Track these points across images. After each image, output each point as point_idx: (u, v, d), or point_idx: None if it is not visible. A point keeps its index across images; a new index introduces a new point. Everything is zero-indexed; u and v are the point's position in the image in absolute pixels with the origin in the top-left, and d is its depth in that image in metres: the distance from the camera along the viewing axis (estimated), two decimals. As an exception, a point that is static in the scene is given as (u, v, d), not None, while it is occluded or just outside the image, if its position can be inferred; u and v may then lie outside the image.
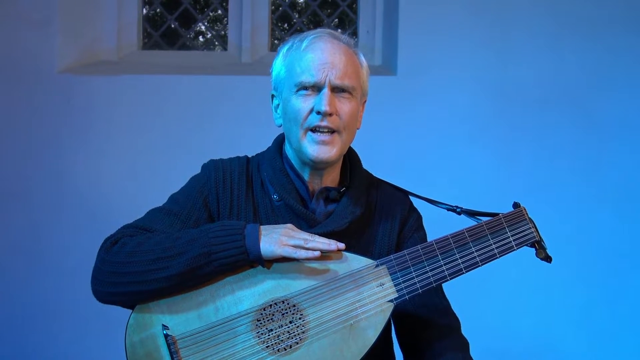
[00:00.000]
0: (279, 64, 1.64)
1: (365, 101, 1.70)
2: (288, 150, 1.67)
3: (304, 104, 1.57)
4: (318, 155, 1.57)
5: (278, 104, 1.66)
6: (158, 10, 3.49)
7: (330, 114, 1.55)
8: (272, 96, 1.69)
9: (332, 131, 1.57)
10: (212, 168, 1.65)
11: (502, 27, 3.12)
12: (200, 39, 3.60)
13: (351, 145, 1.74)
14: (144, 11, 3.44)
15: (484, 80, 3.11)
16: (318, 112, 1.55)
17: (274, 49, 3.35)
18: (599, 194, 3.09)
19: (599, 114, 3.11)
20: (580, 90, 3.12)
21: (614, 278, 3.08)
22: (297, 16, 3.50)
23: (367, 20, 3.36)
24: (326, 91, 1.55)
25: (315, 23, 3.50)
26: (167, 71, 3.22)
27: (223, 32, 3.48)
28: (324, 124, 1.56)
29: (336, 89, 1.57)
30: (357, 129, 1.67)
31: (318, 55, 1.57)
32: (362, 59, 1.65)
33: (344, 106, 1.58)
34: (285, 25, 3.54)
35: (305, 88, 1.57)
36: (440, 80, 3.11)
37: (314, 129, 1.57)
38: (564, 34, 3.11)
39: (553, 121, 3.10)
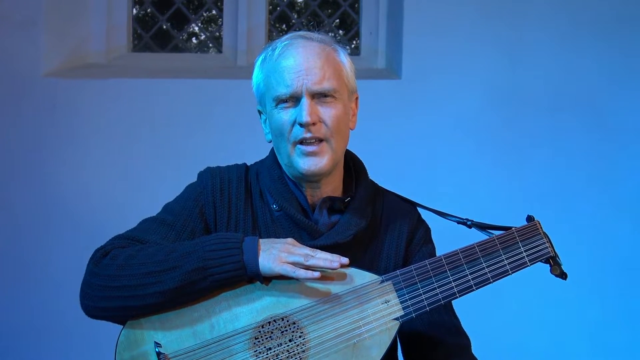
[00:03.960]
0: (257, 78, 1.64)
1: (357, 97, 1.69)
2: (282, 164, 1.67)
3: (285, 117, 1.57)
4: (309, 168, 1.57)
5: (266, 119, 1.66)
6: (149, 10, 3.51)
7: (314, 124, 1.55)
8: (259, 112, 1.69)
9: (320, 140, 1.56)
10: (209, 176, 1.65)
11: (512, 28, 3.13)
12: (194, 40, 3.61)
13: (355, 153, 1.75)
14: (134, 11, 3.46)
15: (493, 84, 3.12)
16: (300, 125, 1.55)
17: (271, 51, 3.36)
18: (616, 205, 3.09)
19: (615, 119, 3.12)
20: (596, 95, 3.12)
21: (632, 295, 3.08)
22: (295, 16, 3.52)
23: (370, 21, 3.38)
24: (305, 100, 1.55)
25: (315, 24, 3.51)
26: (158, 74, 3.23)
27: (218, 34, 3.49)
28: (309, 135, 1.55)
29: (317, 95, 1.56)
30: (351, 129, 1.66)
31: (290, 63, 1.56)
32: (343, 54, 1.64)
33: (328, 112, 1.57)
34: (284, 26, 3.56)
35: (284, 101, 1.57)
36: (446, 84, 3.12)
37: (301, 142, 1.56)
38: (578, 34, 3.12)
39: (567, 127, 3.11)
